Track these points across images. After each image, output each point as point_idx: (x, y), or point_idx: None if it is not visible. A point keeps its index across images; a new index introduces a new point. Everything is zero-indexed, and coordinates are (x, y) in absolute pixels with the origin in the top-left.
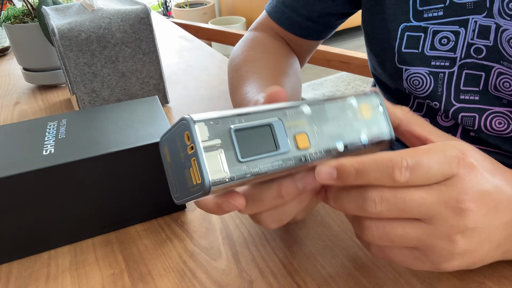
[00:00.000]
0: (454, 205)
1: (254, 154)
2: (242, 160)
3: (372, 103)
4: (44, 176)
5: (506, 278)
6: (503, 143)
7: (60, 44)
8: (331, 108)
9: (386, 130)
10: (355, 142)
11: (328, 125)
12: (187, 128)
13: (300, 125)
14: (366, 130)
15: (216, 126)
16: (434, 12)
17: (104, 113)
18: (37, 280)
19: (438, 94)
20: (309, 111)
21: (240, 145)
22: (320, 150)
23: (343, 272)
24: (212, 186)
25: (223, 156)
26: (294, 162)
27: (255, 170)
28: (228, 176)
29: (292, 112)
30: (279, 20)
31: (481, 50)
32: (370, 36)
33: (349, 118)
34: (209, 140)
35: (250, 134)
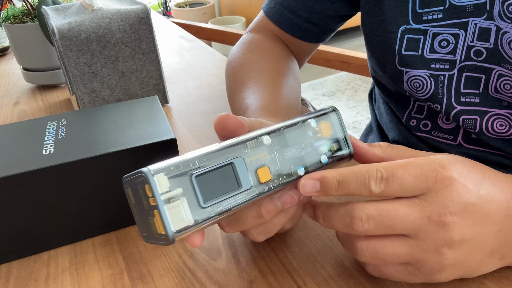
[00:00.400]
0: (437, 219)
1: (216, 196)
2: (204, 205)
3: (331, 120)
4: (44, 176)
5: (506, 278)
6: (505, 145)
7: (60, 44)
8: (291, 133)
9: (344, 146)
10: (316, 165)
11: (289, 151)
12: (147, 181)
13: (261, 158)
14: (325, 149)
15: (176, 174)
16: (434, 15)
17: (104, 113)
18: (37, 280)
19: (439, 97)
20: (269, 141)
21: (202, 190)
22: (283, 178)
23: (343, 272)
24: (176, 235)
25: (185, 205)
26: (258, 194)
27: (219, 210)
28: (192, 223)
29: (252, 145)
30: (278, 21)
31: (481, 52)
32: (370, 38)
33: (309, 140)
34: (170, 191)
35: (211, 177)
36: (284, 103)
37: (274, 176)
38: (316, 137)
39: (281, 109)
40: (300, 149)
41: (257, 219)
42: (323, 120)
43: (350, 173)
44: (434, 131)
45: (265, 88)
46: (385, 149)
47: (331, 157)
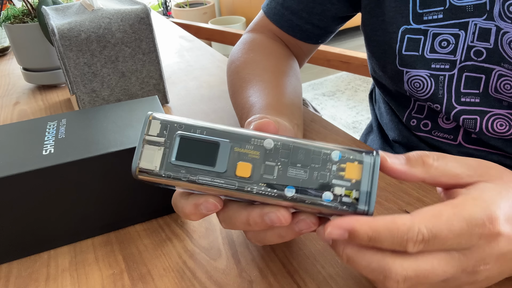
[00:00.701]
0: (471, 270)
1: (188, 161)
2: (173, 162)
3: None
4: (44, 176)
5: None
6: (505, 145)
7: (60, 44)
8: (303, 153)
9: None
10: (312, 197)
11: (292, 166)
12: (145, 122)
13: (250, 154)
14: (339, 189)
15: (169, 128)
16: (434, 15)
17: (104, 113)
18: (37, 280)
19: (439, 97)
20: (270, 146)
21: (180, 149)
22: (265, 188)
23: (343, 272)
24: (138, 171)
25: (159, 153)
26: (235, 185)
27: (183, 174)
28: (156, 169)
29: (252, 141)
30: (278, 22)
31: (481, 52)
32: (370, 39)
33: (326, 170)
34: (155, 136)
35: (193, 145)
36: (288, 102)
37: (256, 179)
38: (337, 174)
39: (286, 108)
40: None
41: (246, 226)
42: (355, 161)
43: (386, 230)
44: (434, 131)
45: (270, 87)
46: (429, 170)
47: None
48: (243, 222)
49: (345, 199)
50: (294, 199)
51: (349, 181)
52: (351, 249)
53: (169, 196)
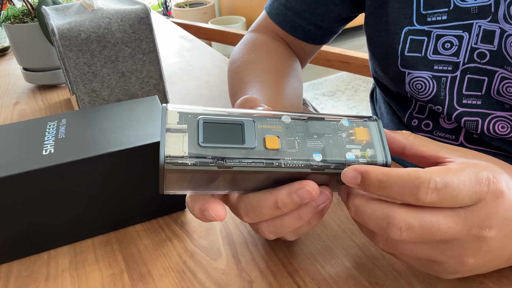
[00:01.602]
0: (476, 232)
1: (217, 142)
2: (202, 144)
3: (369, 127)
4: (44, 176)
5: (506, 278)
6: (507, 145)
7: (60, 44)
8: (317, 125)
9: (381, 154)
10: (338, 158)
11: (309, 138)
12: (162, 113)
13: (274, 129)
14: (356, 151)
15: (188, 116)
16: (438, 16)
17: (103, 113)
18: (37, 280)
19: (441, 98)
20: (288, 120)
21: (205, 133)
22: (296, 160)
23: (343, 272)
24: (167, 159)
25: (185, 139)
26: (263, 162)
27: (218, 159)
28: (185, 154)
29: (270, 119)
30: (281, 23)
31: (484, 54)
32: (372, 39)
33: (338, 137)
34: (176, 125)
35: (217, 127)
36: (286, 104)
37: (285, 151)
38: (349, 139)
39: (284, 109)
40: (322, 141)
41: (274, 210)
42: (361, 126)
43: (397, 175)
44: (435, 131)
45: (268, 88)
46: (407, 136)
47: (360, 160)
48: (271, 207)
49: (362, 159)
50: (321, 165)
51: (361, 143)
52: (359, 199)
53: (169, 196)
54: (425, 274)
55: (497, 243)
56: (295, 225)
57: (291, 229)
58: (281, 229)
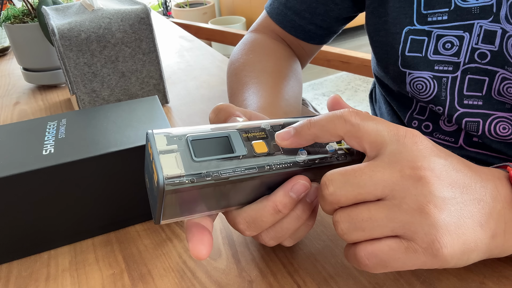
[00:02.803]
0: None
1: (209, 155)
2: (196, 159)
3: None
4: (44, 176)
5: (506, 278)
6: (507, 148)
7: (60, 44)
8: None
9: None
10: (321, 150)
11: None
12: (149, 139)
13: (259, 136)
14: (333, 144)
15: (175, 137)
16: (439, 16)
17: (104, 113)
18: (37, 280)
19: (441, 99)
20: (268, 128)
21: (196, 149)
22: (282, 159)
23: (343, 272)
24: (166, 181)
25: (179, 157)
26: (256, 168)
27: (215, 174)
28: (183, 173)
29: (252, 127)
30: (281, 22)
31: (485, 55)
32: (373, 39)
33: None
34: (166, 146)
35: (206, 142)
36: (283, 104)
37: (273, 154)
38: None
39: (280, 110)
40: None
41: (274, 216)
42: None
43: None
44: (435, 133)
45: (265, 89)
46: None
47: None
48: (271, 213)
49: (340, 151)
50: (307, 160)
51: None
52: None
53: None
54: (425, 274)
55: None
56: (295, 226)
57: (291, 231)
58: (281, 233)
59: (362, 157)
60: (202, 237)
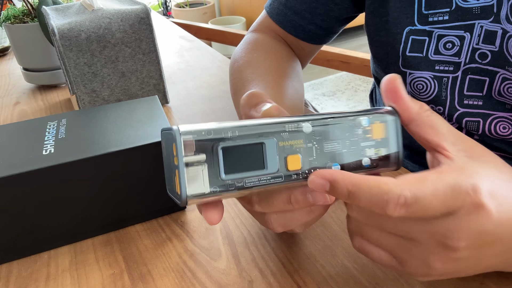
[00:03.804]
0: (441, 239)
1: (238, 171)
2: (224, 178)
3: (387, 122)
4: (44, 176)
5: (506, 278)
6: (508, 146)
7: (60, 44)
8: (336, 128)
9: (394, 156)
10: (355, 165)
11: (329, 144)
12: (174, 140)
13: (295, 145)
14: (371, 152)
15: (204, 140)
16: (440, 16)
17: (104, 113)
18: (37, 280)
19: (442, 99)
20: (309, 130)
21: (226, 162)
22: (312, 166)
23: (343, 272)
24: (190, 198)
25: (205, 173)
26: (283, 179)
27: (239, 185)
28: (208, 191)
29: (290, 129)
30: (281, 22)
31: (486, 55)
32: (373, 39)
33: (356, 138)
34: (193, 155)
35: (238, 152)
36: (289, 104)
37: (305, 166)
38: (365, 137)
39: (286, 109)
40: (342, 145)
41: (285, 204)
42: (378, 121)
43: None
44: None
45: (271, 88)
46: (422, 112)
47: (376, 162)
48: (284, 201)
49: (376, 156)
50: None
51: (376, 141)
52: None
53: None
54: None
55: (469, 253)
56: (306, 219)
57: (301, 222)
58: (291, 222)
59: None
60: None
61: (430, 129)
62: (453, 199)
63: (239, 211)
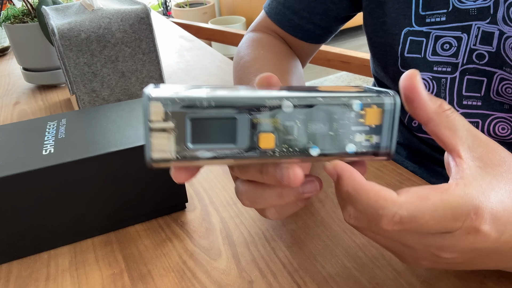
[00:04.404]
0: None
1: (206, 142)
2: (190, 146)
3: (383, 108)
4: (44, 176)
5: (506, 278)
6: (507, 148)
7: (60, 44)
8: (324, 108)
9: (385, 144)
10: (337, 151)
11: (314, 125)
12: (146, 104)
13: (271, 123)
14: (359, 138)
15: (175, 107)
16: (437, 17)
17: (103, 113)
18: (37, 280)
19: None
20: (289, 109)
21: (194, 131)
22: (292, 149)
23: (343, 272)
24: (154, 162)
25: (172, 139)
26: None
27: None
28: (172, 157)
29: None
30: (280, 22)
31: (483, 56)
32: (371, 40)
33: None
34: (161, 122)
35: (208, 123)
36: None
37: (280, 145)
38: (356, 121)
39: None
40: (329, 127)
41: (256, 174)
42: (375, 105)
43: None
44: None
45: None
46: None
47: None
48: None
49: (366, 143)
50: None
51: (369, 127)
52: None
53: (169, 196)
54: (425, 274)
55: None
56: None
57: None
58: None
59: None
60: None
61: (448, 131)
62: (452, 221)
63: (239, 211)
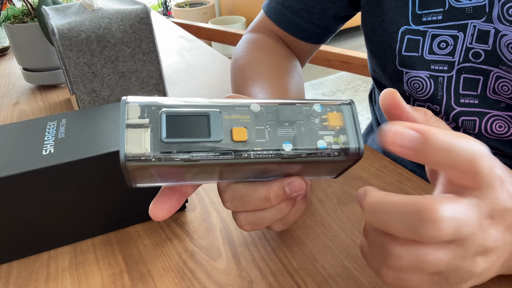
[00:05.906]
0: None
1: (181, 136)
2: (165, 140)
3: (343, 112)
4: (44, 176)
5: (506, 278)
6: (504, 146)
7: (60, 44)
8: (288, 111)
9: (353, 140)
10: (309, 146)
11: (280, 126)
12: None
13: (242, 120)
14: (328, 137)
15: (151, 108)
16: (433, 16)
17: (103, 113)
18: (37, 280)
19: (438, 98)
20: (257, 109)
21: (168, 127)
22: (264, 147)
23: (343, 272)
24: (127, 159)
25: (147, 135)
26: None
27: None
28: (147, 152)
29: (238, 108)
30: (279, 21)
31: (479, 54)
32: (370, 38)
33: (311, 125)
34: (137, 119)
35: (182, 120)
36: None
37: (254, 142)
38: (322, 125)
39: None
40: (297, 129)
41: (263, 202)
42: (334, 110)
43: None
44: None
45: (276, 87)
46: (428, 119)
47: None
48: (261, 199)
49: (335, 146)
50: (292, 154)
51: (334, 129)
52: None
53: None
54: None
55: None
56: (276, 217)
57: (270, 221)
58: (261, 221)
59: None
60: (166, 200)
61: None
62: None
63: None
